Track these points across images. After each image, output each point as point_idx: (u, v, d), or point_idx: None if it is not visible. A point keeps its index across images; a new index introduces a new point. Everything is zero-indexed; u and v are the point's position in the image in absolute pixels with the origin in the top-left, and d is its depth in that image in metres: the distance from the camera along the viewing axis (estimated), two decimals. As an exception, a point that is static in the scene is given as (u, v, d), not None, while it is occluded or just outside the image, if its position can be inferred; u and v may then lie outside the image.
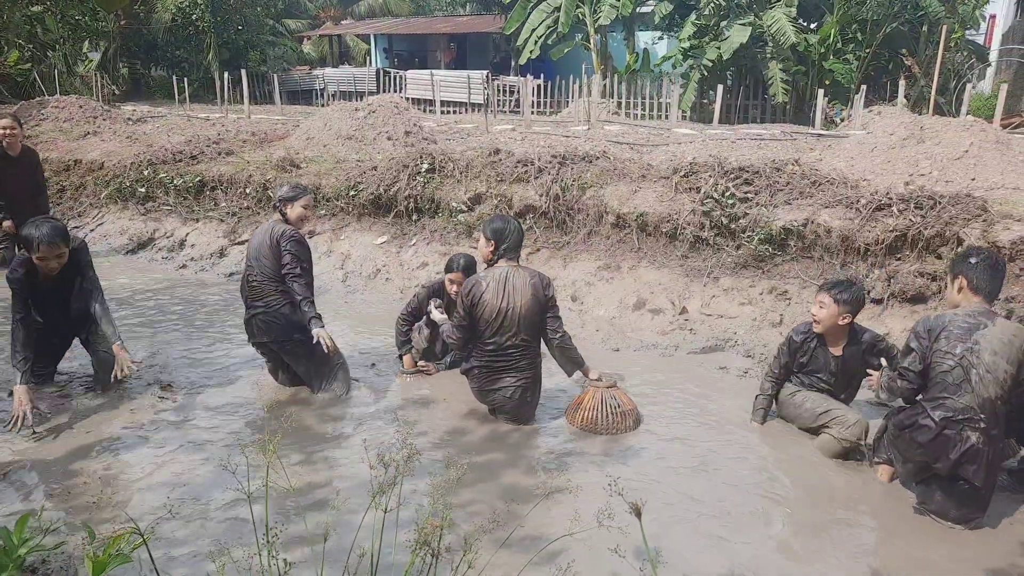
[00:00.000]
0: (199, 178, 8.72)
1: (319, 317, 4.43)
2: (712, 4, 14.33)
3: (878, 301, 5.45)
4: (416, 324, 5.19)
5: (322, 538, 2.24)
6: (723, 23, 14.64)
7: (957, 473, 3.28)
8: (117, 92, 20.80)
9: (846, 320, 4.03)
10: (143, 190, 8.93)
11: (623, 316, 5.95)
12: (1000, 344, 3.20)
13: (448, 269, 5.02)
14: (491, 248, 4.28)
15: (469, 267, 4.92)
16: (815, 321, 4.12)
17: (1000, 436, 3.31)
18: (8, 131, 6.60)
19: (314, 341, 4.35)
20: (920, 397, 3.44)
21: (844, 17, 13.80)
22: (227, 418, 4.37)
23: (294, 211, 4.59)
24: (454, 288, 4.91)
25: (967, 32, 14.52)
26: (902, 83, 12.18)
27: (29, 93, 16.38)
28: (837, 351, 4.14)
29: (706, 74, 14.93)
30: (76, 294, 4.45)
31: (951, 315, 3.35)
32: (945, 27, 12.13)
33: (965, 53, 14.18)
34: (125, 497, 3.51)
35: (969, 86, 11.26)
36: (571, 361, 4.40)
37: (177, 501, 3.39)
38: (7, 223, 6.99)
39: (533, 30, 18.11)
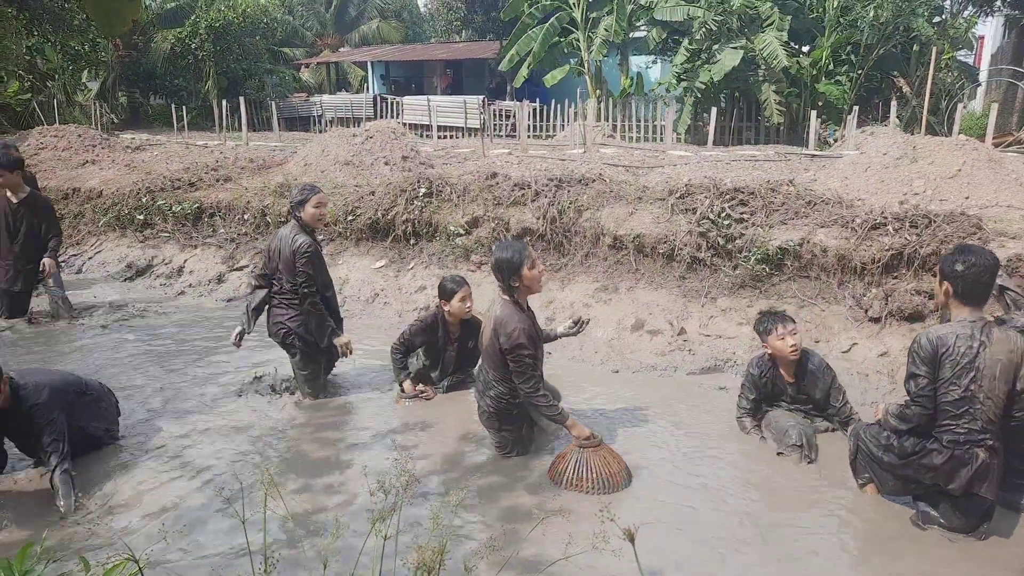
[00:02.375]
0: (197, 205, 8.76)
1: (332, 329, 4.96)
2: (704, 29, 14.50)
3: (876, 320, 5.46)
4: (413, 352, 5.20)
5: (322, 565, 2.22)
6: (715, 47, 14.81)
7: (971, 491, 3.27)
8: (116, 121, 20.94)
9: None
10: (141, 217, 8.96)
11: (622, 337, 5.95)
12: (1000, 368, 3.17)
13: (449, 295, 4.93)
14: None
15: (463, 283, 5.01)
16: (793, 349, 4.27)
17: (1002, 445, 3.32)
18: (11, 152, 6.83)
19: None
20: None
21: (838, 39, 13.99)
22: (225, 445, 4.35)
23: (307, 212, 4.81)
24: (466, 307, 4.95)
25: (957, 53, 14.72)
26: (894, 103, 12.30)
27: (28, 123, 16.49)
28: (790, 378, 4.42)
29: (700, 97, 15.07)
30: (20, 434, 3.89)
31: (951, 335, 3.22)
32: (935, 48, 12.28)
33: (956, 73, 14.34)
34: (122, 526, 3.49)
35: (960, 106, 11.34)
36: (547, 418, 4.01)
37: (174, 529, 3.36)
38: None
39: (525, 55, 18.37)
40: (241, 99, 15.97)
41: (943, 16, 14.22)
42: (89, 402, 4.16)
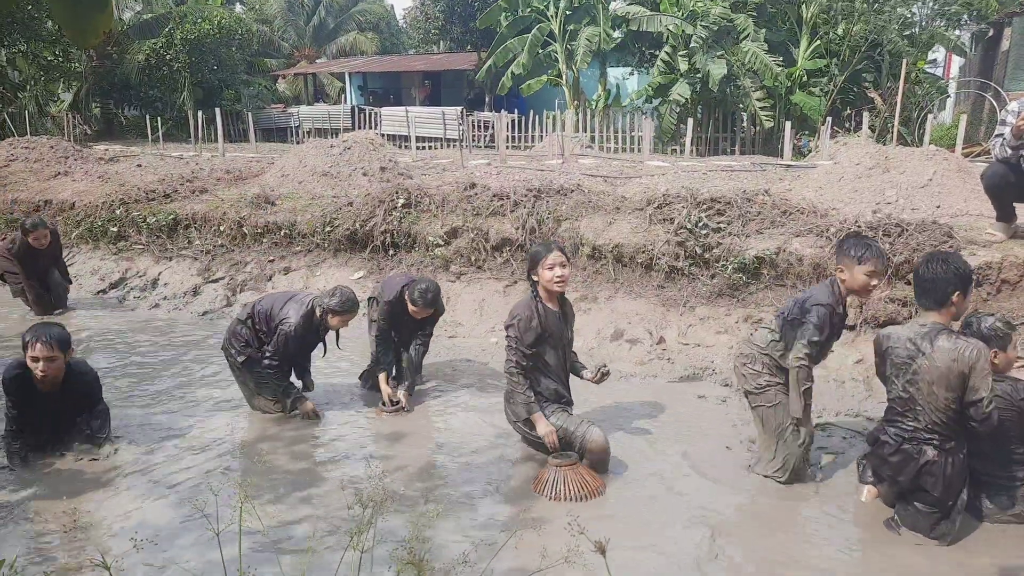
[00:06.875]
0: (172, 216, 8.66)
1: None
2: (685, 40, 14.72)
3: (851, 327, 5.51)
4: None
5: (298, 580, 2.20)
6: (694, 58, 15.00)
7: (919, 485, 3.34)
8: (89, 132, 20.66)
9: None
10: (115, 229, 8.84)
11: (601, 347, 5.96)
12: (938, 375, 3.21)
13: (418, 304, 4.95)
14: None
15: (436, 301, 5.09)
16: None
17: (959, 447, 3.34)
18: (41, 239, 7.20)
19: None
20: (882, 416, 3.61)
21: (825, 48, 14.27)
22: (198, 458, 4.29)
23: (331, 322, 4.78)
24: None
25: (929, 63, 15.09)
26: (866, 115, 12.52)
27: (-1, 134, 16.24)
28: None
29: (678, 109, 15.28)
30: (72, 411, 4.34)
31: (896, 335, 3.41)
32: (906, 60, 12.53)
33: (926, 85, 14.65)
34: (95, 542, 3.41)
35: (931, 117, 11.58)
36: (518, 402, 4.02)
37: (147, 542, 3.30)
38: None
39: (503, 66, 18.49)
40: (217, 110, 15.83)
41: (913, 30, 14.54)
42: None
